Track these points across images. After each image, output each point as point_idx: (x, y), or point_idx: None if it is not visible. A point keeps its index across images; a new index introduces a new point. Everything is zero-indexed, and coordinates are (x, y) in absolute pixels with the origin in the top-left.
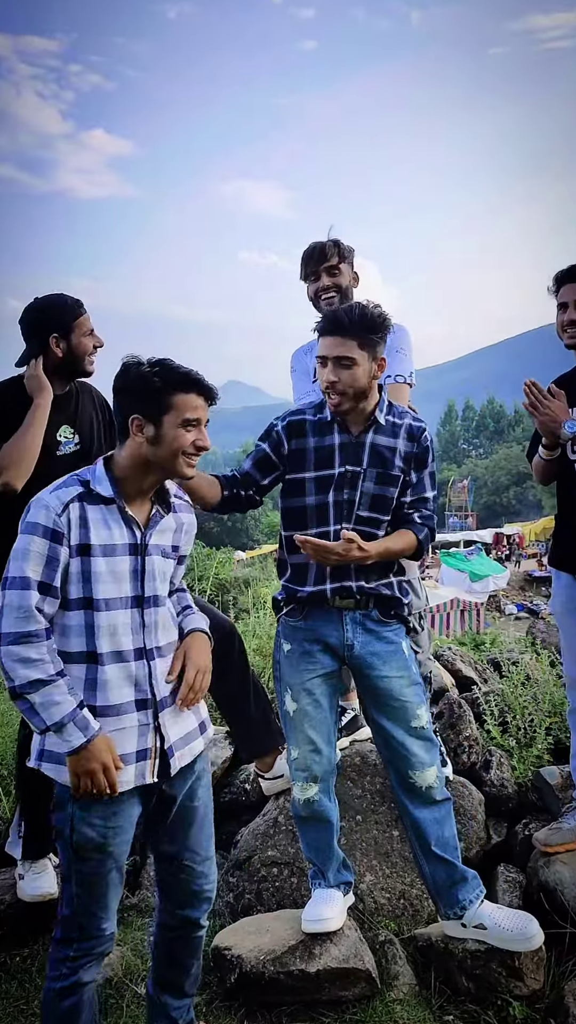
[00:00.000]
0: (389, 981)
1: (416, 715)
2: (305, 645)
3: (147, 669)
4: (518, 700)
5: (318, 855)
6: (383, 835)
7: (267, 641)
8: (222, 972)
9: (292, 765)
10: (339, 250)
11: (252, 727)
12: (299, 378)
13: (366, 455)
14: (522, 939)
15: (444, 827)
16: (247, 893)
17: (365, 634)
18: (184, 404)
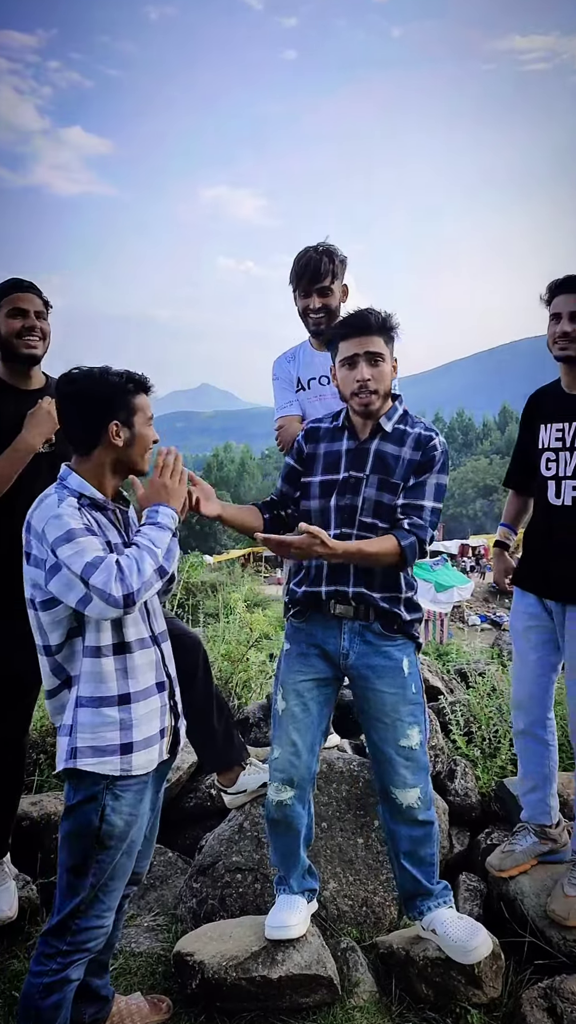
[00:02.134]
0: (350, 988)
1: (406, 735)
2: (303, 647)
3: (160, 653)
4: (483, 711)
5: (283, 860)
6: (348, 842)
7: (235, 647)
8: (183, 978)
9: (271, 765)
10: (333, 266)
11: (215, 741)
12: (282, 387)
13: (370, 461)
14: (463, 951)
15: (420, 846)
16: (210, 899)
17: (363, 645)
18: (145, 404)
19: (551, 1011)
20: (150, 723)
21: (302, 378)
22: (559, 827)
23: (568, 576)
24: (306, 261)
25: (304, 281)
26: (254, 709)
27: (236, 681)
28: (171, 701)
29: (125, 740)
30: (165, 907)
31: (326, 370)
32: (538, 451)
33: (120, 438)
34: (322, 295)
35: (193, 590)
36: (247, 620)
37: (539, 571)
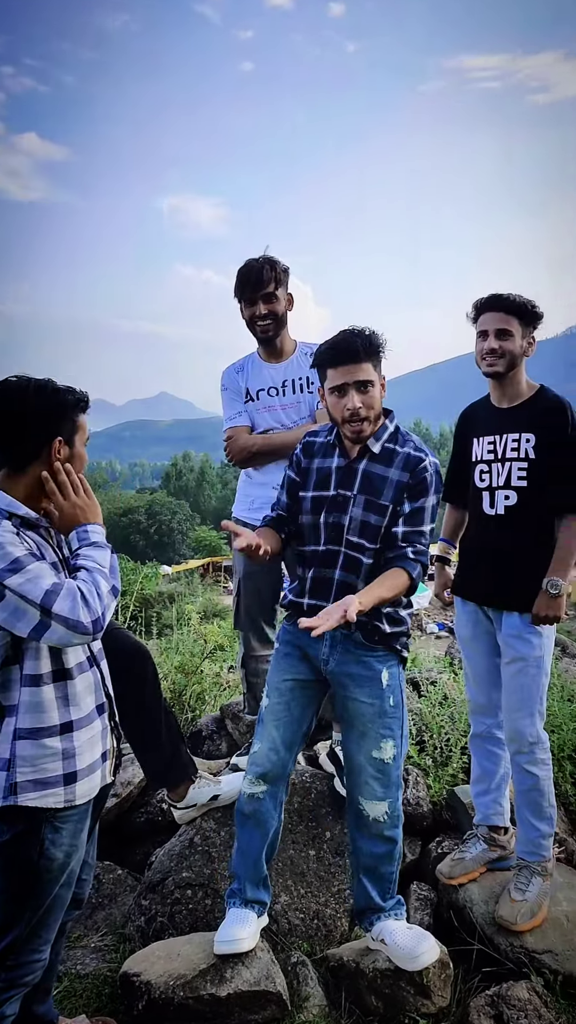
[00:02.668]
0: (300, 1003)
1: (379, 747)
2: (289, 648)
3: (99, 673)
4: (435, 719)
5: (243, 861)
6: (299, 855)
7: (190, 658)
8: (130, 999)
9: (250, 759)
10: (275, 274)
11: (162, 757)
12: (231, 398)
13: (358, 481)
14: (409, 958)
15: (381, 862)
16: (160, 916)
17: (344, 653)
18: (85, 423)
19: (498, 1018)
20: (92, 749)
21: (251, 389)
22: (507, 834)
23: (501, 584)
24: (248, 270)
25: (248, 289)
26: (207, 722)
27: (190, 693)
28: (111, 722)
29: (68, 770)
30: (113, 926)
31: (275, 381)
32: (471, 464)
33: (61, 455)
34: (267, 301)
35: (151, 601)
36: (201, 632)
37: (476, 580)
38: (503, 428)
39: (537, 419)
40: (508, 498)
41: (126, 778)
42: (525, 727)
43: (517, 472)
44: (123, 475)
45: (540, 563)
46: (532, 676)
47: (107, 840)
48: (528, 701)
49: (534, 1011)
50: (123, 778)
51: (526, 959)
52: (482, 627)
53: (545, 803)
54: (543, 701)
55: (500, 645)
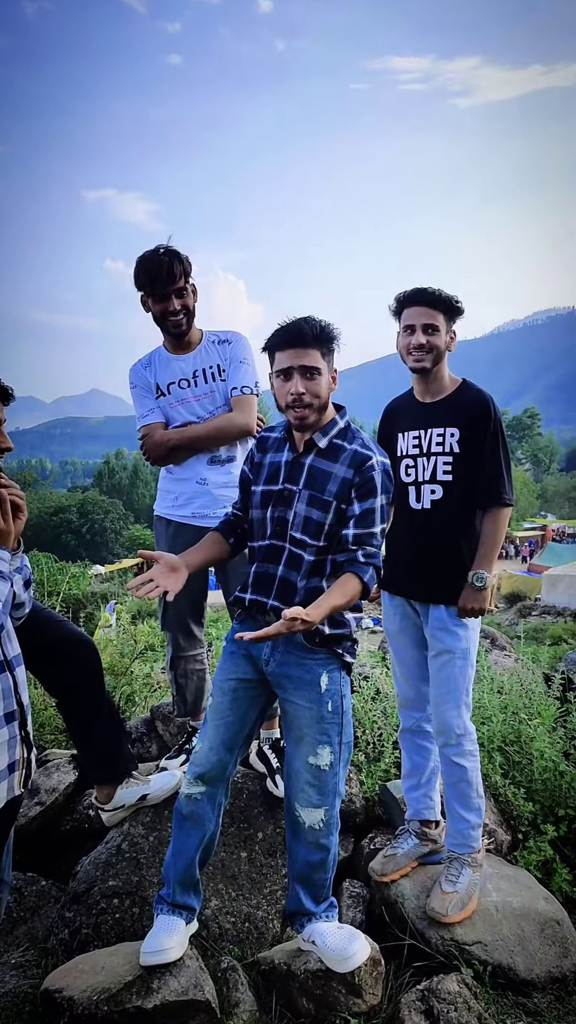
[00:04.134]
0: (229, 1009)
1: (316, 752)
2: (233, 646)
3: (11, 680)
4: (368, 715)
5: (175, 863)
6: (230, 857)
7: (120, 659)
8: (52, 1017)
9: (191, 759)
10: (183, 267)
11: (103, 750)
12: (141, 394)
13: (303, 476)
14: (341, 959)
15: (315, 870)
16: (84, 927)
17: (284, 654)
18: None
19: (428, 1013)
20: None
21: (161, 384)
22: (438, 828)
23: (427, 578)
24: (157, 264)
25: (159, 285)
26: (137, 723)
27: (120, 694)
28: (22, 732)
29: None
30: (35, 940)
31: (185, 373)
32: (397, 459)
33: None
34: (179, 296)
35: (83, 601)
36: (132, 632)
37: (402, 574)
38: (427, 423)
39: (461, 413)
40: (434, 492)
41: (51, 785)
42: (452, 719)
43: (442, 467)
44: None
45: (464, 556)
46: (459, 668)
47: (32, 850)
48: (455, 693)
49: (464, 1003)
50: (48, 785)
51: (456, 951)
52: (409, 620)
53: (473, 794)
54: (469, 693)
55: (427, 638)
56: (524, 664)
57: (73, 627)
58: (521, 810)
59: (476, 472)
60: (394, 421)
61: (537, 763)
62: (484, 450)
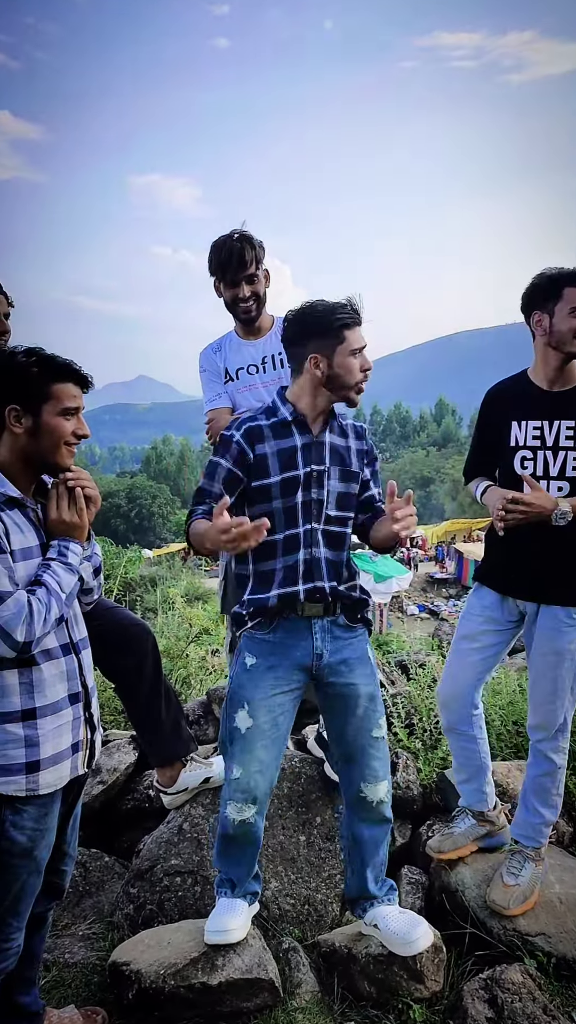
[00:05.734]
0: (292, 989)
1: (378, 724)
2: (272, 660)
3: (76, 663)
4: (424, 702)
5: (236, 870)
6: (290, 840)
7: (175, 643)
8: (120, 989)
9: (232, 785)
10: (255, 253)
11: (163, 732)
12: (210, 379)
13: (327, 454)
14: (404, 943)
15: (380, 848)
16: (148, 904)
17: (334, 641)
18: (62, 393)
19: (491, 1002)
20: (59, 739)
21: (230, 369)
22: (496, 809)
23: (546, 578)
24: (229, 250)
25: (231, 271)
26: (194, 706)
27: (176, 678)
28: (87, 713)
29: (31, 758)
30: (101, 914)
31: (254, 359)
32: (510, 449)
33: (20, 426)
34: (250, 283)
35: (133, 585)
36: (187, 615)
37: (514, 573)
38: (555, 414)
39: None
40: (561, 489)
41: (112, 764)
42: (555, 715)
43: (572, 462)
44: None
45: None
46: (567, 668)
47: (94, 827)
48: (562, 692)
49: (528, 994)
50: (109, 764)
51: (519, 942)
52: (495, 624)
53: (554, 791)
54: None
55: (533, 637)
56: None
57: (128, 613)
58: None
59: None
60: (506, 408)
61: None
62: None
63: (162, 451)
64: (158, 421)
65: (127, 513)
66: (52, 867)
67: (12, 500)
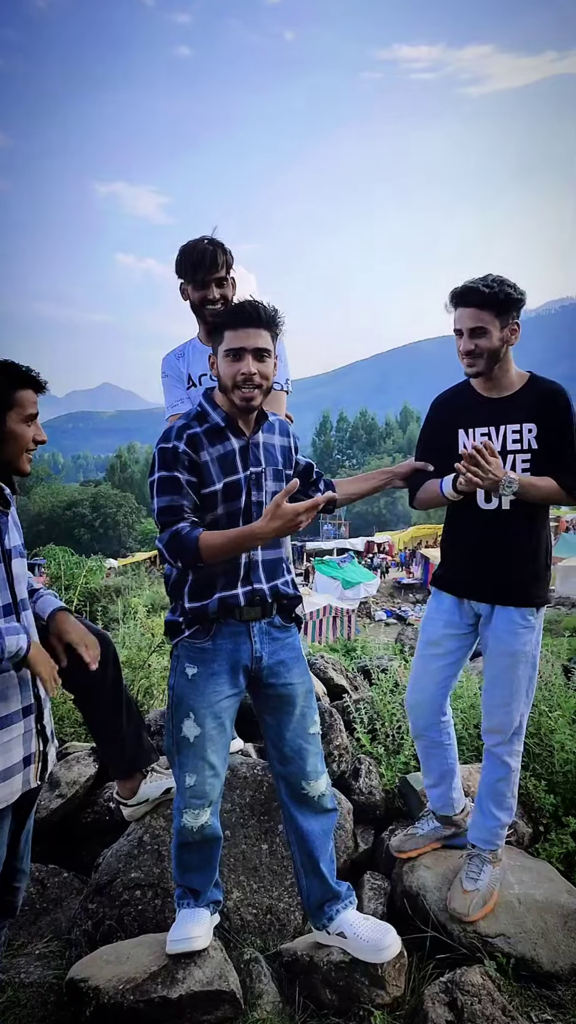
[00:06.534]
0: (253, 1000)
1: (313, 721)
2: (213, 667)
3: (30, 674)
4: (387, 707)
5: (199, 878)
6: (252, 849)
7: (137, 652)
8: (77, 1006)
9: (187, 793)
10: (226, 258)
11: (124, 743)
12: (172, 384)
13: (262, 455)
14: (375, 951)
15: (329, 840)
16: (108, 919)
17: (272, 643)
18: (25, 399)
19: (452, 1005)
20: (10, 752)
21: (192, 375)
22: (462, 812)
23: (500, 578)
24: (201, 252)
25: (201, 272)
26: (156, 716)
27: (138, 688)
28: (39, 725)
29: None
30: (59, 932)
31: None
32: (458, 456)
33: None
34: (220, 286)
35: (96, 595)
36: (148, 625)
37: (468, 576)
38: (499, 419)
39: (536, 407)
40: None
41: (72, 777)
42: (510, 719)
43: (521, 464)
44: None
45: (541, 555)
46: (522, 671)
47: (53, 842)
48: (517, 695)
49: (487, 995)
50: (69, 777)
51: (479, 944)
52: (456, 628)
53: (509, 794)
54: (531, 695)
55: (488, 639)
56: (543, 656)
57: (87, 623)
58: (542, 802)
59: (560, 467)
60: (452, 417)
61: (558, 755)
62: (563, 442)
63: (127, 459)
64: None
65: (91, 522)
66: (4, 884)
67: None
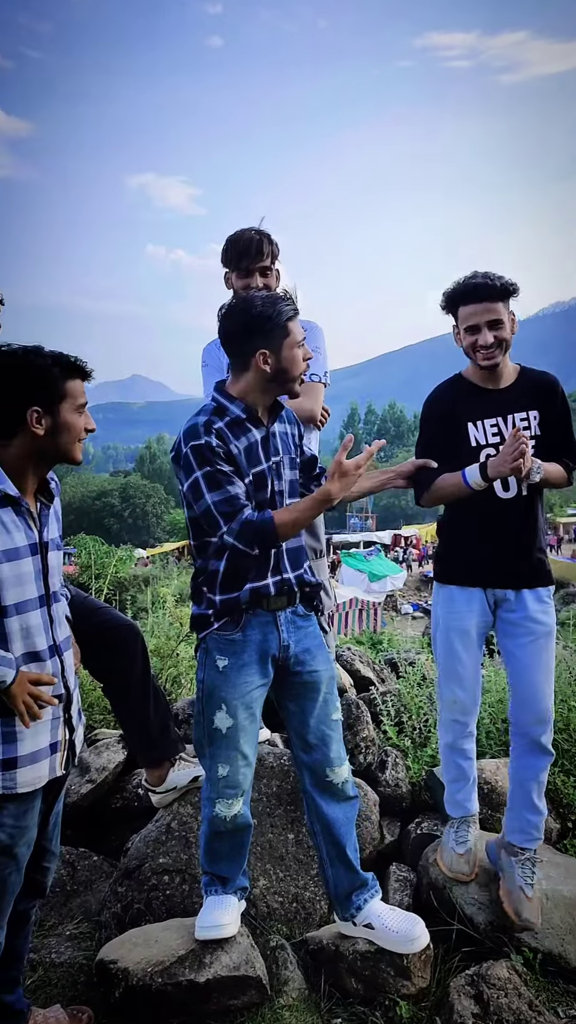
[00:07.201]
0: (279, 987)
1: (335, 707)
2: (243, 658)
3: (60, 664)
4: (414, 700)
5: (229, 866)
6: (278, 838)
7: (165, 641)
8: (106, 987)
9: (219, 783)
10: (272, 248)
11: (151, 733)
12: (211, 374)
13: (279, 444)
14: (406, 941)
15: (352, 829)
16: (136, 903)
17: (297, 631)
18: (76, 390)
19: (477, 998)
20: (37, 737)
21: None
22: None
23: (523, 563)
24: (248, 240)
25: (247, 259)
26: (184, 705)
27: (166, 676)
28: (66, 714)
29: (8, 755)
30: (89, 914)
31: None
32: (472, 449)
33: (41, 426)
34: (264, 275)
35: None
36: (177, 614)
37: (490, 565)
38: (505, 409)
39: (536, 395)
40: None
41: (101, 763)
42: (550, 704)
43: (531, 450)
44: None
45: (543, 536)
46: (551, 651)
47: (83, 826)
48: (550, 677)
49: (514, 989)
50: (98, 763)
51: (506, 938)
52: (483, 616)
53: (546, 783)
54: None
55: (515, 626)
56: (572, 651)
57: (115, 613)
58: (571, 799)
59: (562, 448)
60: (456, 411)
61: None
62: (563, 427)
63: (156, 450)
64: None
65: (121, 512)
66: (34, 864)
67: (7, 498)
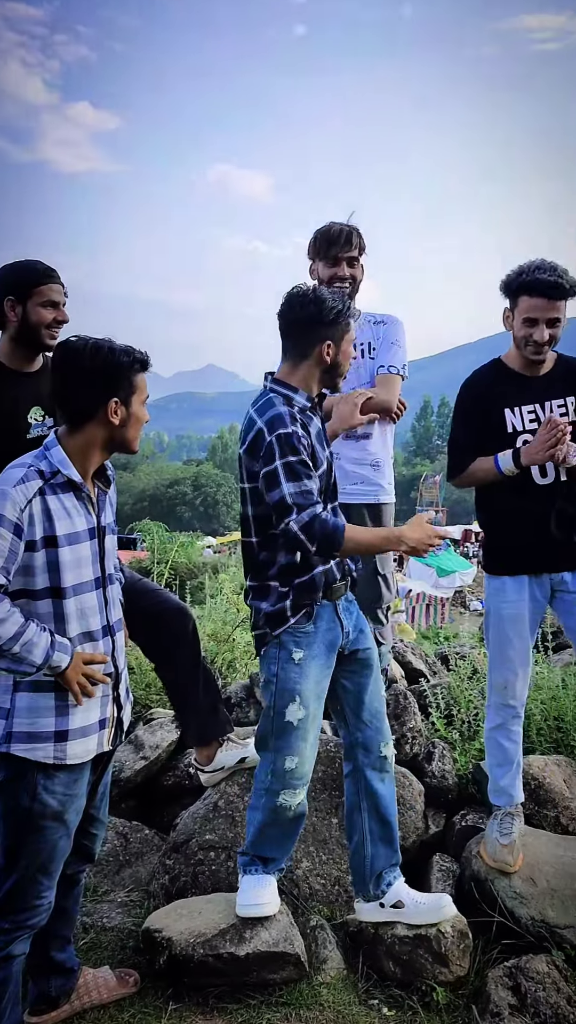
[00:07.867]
0: (318, 965)
1: (382, 684)
2: (316, 649)
3: (112, 644)
4: (464, 693)
5: (281, 848)
6: (322, 822)
7: (222, 627)
8: (151, 954)
9: (286, 775)
10: (360, 241)
11: (200, 714)
12: None
13: (327, 437)
14: (435, 910)
15: (396, 805)
16: (183, 876)
17: (349, 616)
18: (143, 383)
19: (515, 990)
20: (87, 712)
21: None
22: None
23: (570, 546)
24: (338, 231)
25: (335, 248)
26: (237, 689)
27: (221, 661)
28: (115, 692)
29: (60, 727)
30: (139, 883)
31: None
32: (509, 435)
33: (117, 416)
34: (351, 265)
35: (194, 571)
36: (234, 600)
37: (537, 551)
38: (543, 396)
39: (572, 381)
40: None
41: (155, 742)
42: None
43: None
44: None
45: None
46: None
47: (136, 801)
48: None
49: (552, 984)
50: (152, 741)
51: (547, 933)
52: (535, 603)
53: None
54: None
55: (566, 613)
56: None
57: (167, 595)
58: None
59: None
60: (494, 397)
61: None
62: None
63: (228, 440)
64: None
65: (192, 500)
66: (83, 831)
67: (70, 483)
